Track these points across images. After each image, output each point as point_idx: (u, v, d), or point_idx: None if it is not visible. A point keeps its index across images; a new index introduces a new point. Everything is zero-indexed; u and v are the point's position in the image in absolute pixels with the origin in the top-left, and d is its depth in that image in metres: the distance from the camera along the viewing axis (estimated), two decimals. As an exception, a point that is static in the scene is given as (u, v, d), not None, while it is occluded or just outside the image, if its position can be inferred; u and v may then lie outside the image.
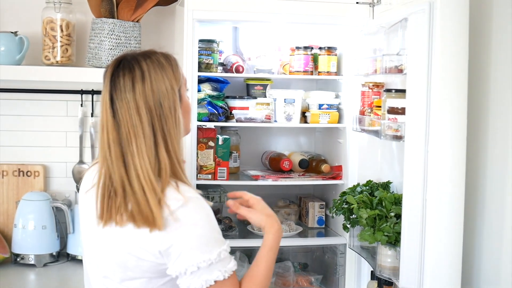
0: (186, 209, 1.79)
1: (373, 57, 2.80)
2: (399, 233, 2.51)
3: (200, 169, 3.17)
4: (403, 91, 2.50)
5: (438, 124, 2.37)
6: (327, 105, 3.31)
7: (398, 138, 2.52)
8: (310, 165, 3.46)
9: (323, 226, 3.47)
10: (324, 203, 3.48)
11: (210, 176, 3.18)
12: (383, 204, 2.65)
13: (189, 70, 2.99)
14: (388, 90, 2.62)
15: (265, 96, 3.37)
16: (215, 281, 1.78)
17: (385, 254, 2.61)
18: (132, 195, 1.80)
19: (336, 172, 3.34)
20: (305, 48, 3.31)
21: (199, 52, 3.14)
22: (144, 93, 1.82)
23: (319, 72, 3.33)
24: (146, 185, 1.79)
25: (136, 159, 1.80)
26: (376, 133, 2.70)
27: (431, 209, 2.39)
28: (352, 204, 2.73)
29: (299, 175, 3.37)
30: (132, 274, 1.86)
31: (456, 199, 2.42)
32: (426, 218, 2.41)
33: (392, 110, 2.55)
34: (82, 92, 3.45)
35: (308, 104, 3.36)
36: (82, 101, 3.46)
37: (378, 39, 2.74)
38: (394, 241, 2.54)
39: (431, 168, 2.39)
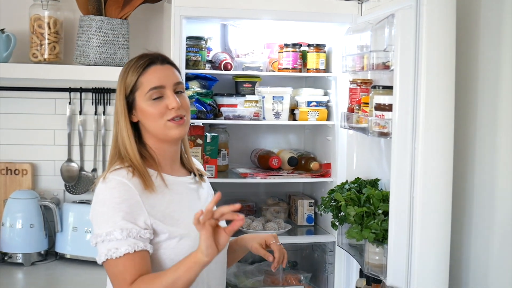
0: (101, 186, 2.00)
1: (360, 53, 2.78)
2: (386, 231, 2.49)
3: (188, 167, 3.15)
4: (390, 87, 2.48)
5: (425, 120, 2.36)
6: (316, 102, 3.30)
7: (385, 135, 2.51)
8: (299, 163, 3.45)
9: (312, 224, 3.46)
10: (313, 201, 3.46)
11: (198, 174, 3.16)
12: (371, 201, 2.63)
13: (177, 67, 2.97)
14: (375, 87, 2.61)
15: (254, 94, 3.35)
16: (106, 259, 1.93)
17: (372, 252, 2.59)
18: None
19: (325, 170, 3.33)
20: (294, 45, 3.30)
21: (187, 49, 3.13)
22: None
23: (307, 69, 3.32)
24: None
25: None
26: (364, 130, 2.68)
27: (418, 206, 2.38)
28: (340, 202, 2.71)
29: (288, 173, 3.36)
30: None
31: (444, 197, 2.40)
32: (413, 215, 2.40)
33: (379, 107, 2.54)
34: (70, 90, 3.43)
35: (297, 102, 3.35)
36: (70, 99, 3.44)
37: (365, 36, 2.72)
38: (381, 238, 2.53)
39: (418, 165, 2.38)
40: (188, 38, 3.17)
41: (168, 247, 2.01)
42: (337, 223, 2.85)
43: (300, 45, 3.32)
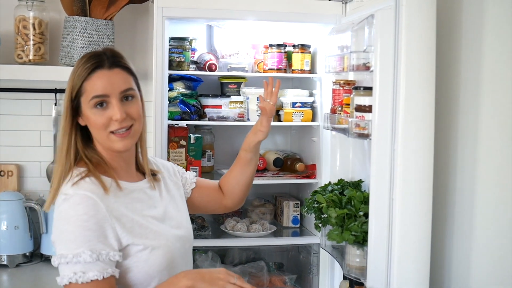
0: (64, 204, 1.86)
1: (341, 54, 2.77)
2: (367, 233, 2.48)
3: (171, 168, 3.14)
4: (371, 88, 2.47)
5: (405, 122, 2.34)
6: (301, 103, 3.29)
7: (365, 136, 2.49)
8: (285, 164, 3.44)
9: (298, 225, 3.44)
10: (299, 202, 3.45)
11: (182, 175, 3.15)
12: (352, 203, 2.62)
13: (159, 68, 2.97)
14: (357, 88, 2.59)
15: (239, 95, 3.34)
16: (69, 282, 1.80)
17: (353, 254, 2.57)
18: None
19: (310, 171, 3.32)
20: (279, 45, 3.29)
21: (170, 50, 3.12)
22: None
23: (292, 70, 3.31)
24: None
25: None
26: (345, 131, 2.67)
27: (397, 208, 2.36)
28: (322, 203, 2.70)
29: (272, 174, 3.35)
30: None
31: (424, 199, 2.38)
32: (393, 217, 2.38)
33: (360, 108, 2.52)
34: (56, 91, 3.42)
35: (282, 102, 3.33)
36: (56, 100, 3.43)
37: (346, 37, 2.71)
38: (362, 240, 2.51)
39: (398, 167, 2.36)
40: (172, 39, 3.16)
41: (140, 259, 1.92)
42: (320, 225, 2.83)
43: (285, 46, 3.31)
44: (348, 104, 2.68)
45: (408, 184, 2.36)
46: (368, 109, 2.48)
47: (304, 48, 3.28)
